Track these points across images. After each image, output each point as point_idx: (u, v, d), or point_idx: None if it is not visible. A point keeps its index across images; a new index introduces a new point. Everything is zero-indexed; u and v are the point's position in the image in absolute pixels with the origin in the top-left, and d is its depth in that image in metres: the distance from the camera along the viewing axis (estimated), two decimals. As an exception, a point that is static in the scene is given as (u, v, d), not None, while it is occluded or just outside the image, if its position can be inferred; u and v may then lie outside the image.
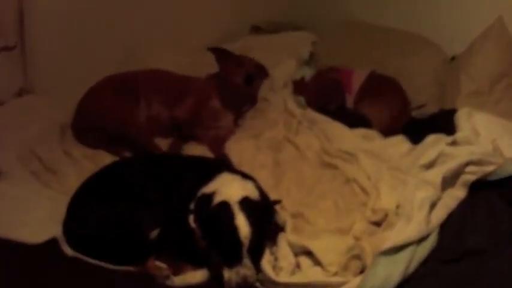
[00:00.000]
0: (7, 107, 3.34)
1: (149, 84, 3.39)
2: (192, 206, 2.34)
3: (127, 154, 3.13)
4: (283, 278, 2.20)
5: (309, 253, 2.32)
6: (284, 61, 3.85)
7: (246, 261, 2.17)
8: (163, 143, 3.26)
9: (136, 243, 2.34)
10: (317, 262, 2.29)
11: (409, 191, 2.64)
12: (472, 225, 2.47)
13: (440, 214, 2.53)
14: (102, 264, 2.37)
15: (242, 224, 2.18)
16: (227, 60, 3.49)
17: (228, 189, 2.29)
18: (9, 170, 2.91)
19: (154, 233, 2.35)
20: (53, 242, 2.47)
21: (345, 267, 2.25)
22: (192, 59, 3.95)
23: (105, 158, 3.03)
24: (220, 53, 3.52)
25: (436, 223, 2.46)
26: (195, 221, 2.29)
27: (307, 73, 3.77)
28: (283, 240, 2.38)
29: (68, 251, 2.44)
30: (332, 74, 3.57)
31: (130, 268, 2.35)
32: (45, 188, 2.84)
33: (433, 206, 2.55)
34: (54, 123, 3.27)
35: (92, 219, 2.40)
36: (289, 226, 2.44)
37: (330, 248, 2.31)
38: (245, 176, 2.48)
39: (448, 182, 2.69)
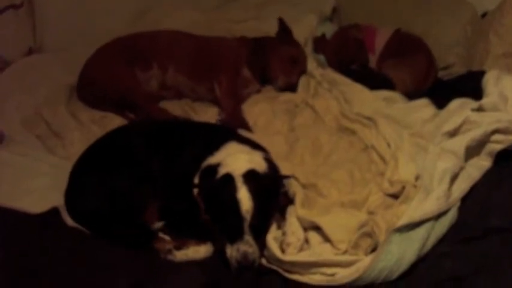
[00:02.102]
0: (14, 67, 3.23)
1: (168, 51, 3.17)
2: (196, 177, 2.21)
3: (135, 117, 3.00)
4: (288, 256, 2.08)
5: (319, 228, 2.19)
6: (305, 16, 3.63)
7: (248, 237, 2.05)
8: (174, 106, 3.11)
9: (136, 227, 2.26)
10: (327, 238, 2.16)
11: (429, 160, 2.48)
12: (497, 200, 2.31)
13: (462, 186, 2.38)
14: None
15: (244, 198, 2.05)
16: (286, 47, 3.23)
17: (234, 160, 2.16)
18: (13, 134, 2.84)
19: (159, 224, 2.26)
20: (54, 212, 2.39)
21: (355, 245, 2.12)
22: (208, 16, 3.77)
23: (113, 122, 2.90)
24: (284, 32, 3.26)
25: (457, 197, 2.32)
26: (199, 193, 2.17)
27: (329, 30, 3.56)
28: (292, 214, 2.25)
29: (69, 221, 2.36)
30: (355, 31, 3.37)
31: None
32: (48, 154, 2.75)
33: (455, 177, 2.41)
34: (63, 84, 3.15)
35: (91, 193, 2.31)
36: (299, 199, 2.30)
37: (341, 224, 2.17)
38: (255, 146, 2.34)
39: (473, 151, 2.53)
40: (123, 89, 3.02)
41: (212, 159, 2.22)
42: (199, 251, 2.19)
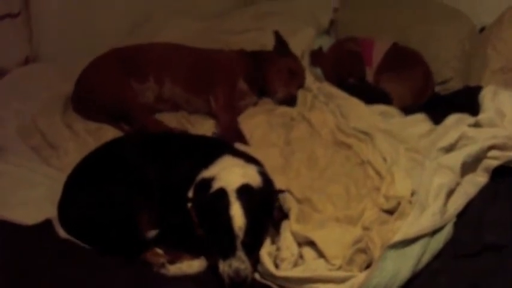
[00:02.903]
0: (11, 76, 3.20)
1: (164, 63, 3.16)
2: (191, 191, 2.20)
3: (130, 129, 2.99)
4: (282, 271, 2.06)
5: (313, 243, 2.18)
6: (302, 29, 3.64)
7: (240, 253, 2.03)
8: (171, 118, 3.10)
9: (130, 237, 2.24)
10: (321, 254, 2.15)
11: (425, 176, 2.48)
12: (492, 217, 2.31)
13: (458, 202, 2.38)
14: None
15: (237, 215, 2.03)
16: (284, 59, 3.23)
17: (228, 174, 2.14)
18: (9, 145, 2.81)
19: (153, 233, 2.24)
20: (47, 223, 2.37)
21: (350, 261, 2.11)
22: (205, 26, 3.77)
23: (108, 133, 2.89)
24: (281, 45, 3.26)
25: (453, 213, 2.32)
26: (192, 207, 2.15)
27: (327, 42, 3.58)
28: (287, 229, 2.24)
29: (62, 233, 2.33)
30: (352, 44, 3.37)
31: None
32: (43, 165, 2.73)
33: (451, 192, 2.41)
34: (59, 94, 3.14)
35: (85, 202, 2.29)
36: (294, 214, 2.29)
37: (335, 240, 2.16)
38: (249, 159, 2.33)
39: (469, 167, 2.53)
40: (118, 100, 3.00)
41: (206, 173, 2.21)
42: (193, 266, 2.16)
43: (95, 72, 3.10)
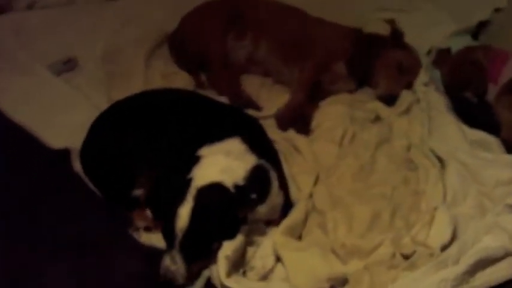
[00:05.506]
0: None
1: (266, 24, 2.93)
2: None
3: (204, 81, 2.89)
4: (232, 282, 1.84)
5: (288, 263, 1.93)
6: (443, 22, 3.15)
7: (175, 253, 1.87)
8: (253, 82, 2.91)
9: (124, 190, 2.19)
10: (290, 278, 1.89)
11: (472, 229, 2.04)
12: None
13: (494, 276, 1.92)
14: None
15: (183, 215, 1.86)
16: (397, 52, 2.83)
17: (206, 166, 1.97)
18: (86, 65, 2.87)
19: (138, 192, 2.16)
20: (65, 153, 2.41)
21: (313, 298, 1.82)
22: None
23: (178, 80, 2.82)
24: (395, 36, 2.88)
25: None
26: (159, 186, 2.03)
27: (463, 45, 3.04)
28: (270, 238, 2.00)
29: (77, 166, 2.34)
30: (480, 53, 2.82)
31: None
32: (100, 94, 2.72)
33: (490, 262, 1.94)
34: (157, 28, 3.11)
35: (98, 145, 2.28)
36: (287, 223, 2.03)
37: (307, 269, 1.88)
38: (262, 149, 2.10)
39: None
40: (207, 50, 2.88)
41: (204, 151, 2.03)
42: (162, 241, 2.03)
43: (197, 17, 2.99)
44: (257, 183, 1.98)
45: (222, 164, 1.96)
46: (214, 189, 1.90)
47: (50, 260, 1.97)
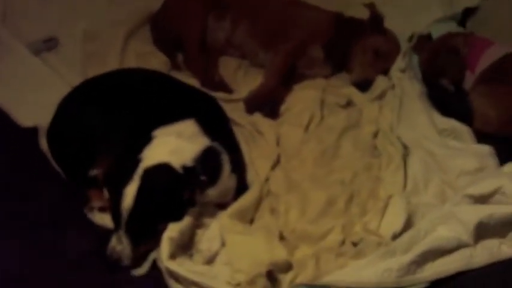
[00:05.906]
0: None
1: (246, 6, 2.94)
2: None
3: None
4: (172, 263, 1.85)
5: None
6: (430, 7, 3.10)
7: (121, 234, 1.90)
8: (229, 64, 2.92)
9: (82, 169, 2.21)
10: (231, 261, 1.90)
11: (427, 220, 2.02)
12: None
13: (442, 268, 1.89)
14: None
15: (129, 195, 1.88)
16: (374, 37, 2.81)
17: (156, 147, 1.99)
18: (67, 45, 2.89)
19: (96, 171, 2.17)
20: (34, 131, 2.43)
21: (251, 282, 1.81)
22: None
23: (152, 61, 2.83)
24: (375, 20, 2.82)
25: (423, 278, 1.85)
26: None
27: (446, 31, 2.98)
28: (218, 220, 2.01)
29: (43, 144, 2.37)
30: (460, 40, 2.77)
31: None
32: (76, 73, 2.73)
33: (445, 252, 1.91)
34: (141, 8, 3.11)
35: (62, 121, 2.31)
36: (235, 207, 2.04)
37: (249, 252, 1.88)
38: (217, 131, 2.12)
39: (494, 230, 1.99)
40: (185, 30, 2.89)
41: (158, 132, 2.06)
42: (113, 223, 2.06)
43: None
44: (207, 165, 1.99)
45: (172, 145, 1.98)
46: (160, 170, 1.92)
47: (1, 236, 2.00)
